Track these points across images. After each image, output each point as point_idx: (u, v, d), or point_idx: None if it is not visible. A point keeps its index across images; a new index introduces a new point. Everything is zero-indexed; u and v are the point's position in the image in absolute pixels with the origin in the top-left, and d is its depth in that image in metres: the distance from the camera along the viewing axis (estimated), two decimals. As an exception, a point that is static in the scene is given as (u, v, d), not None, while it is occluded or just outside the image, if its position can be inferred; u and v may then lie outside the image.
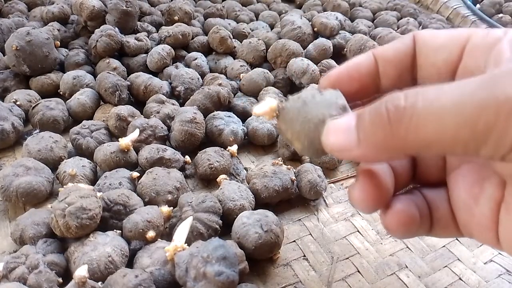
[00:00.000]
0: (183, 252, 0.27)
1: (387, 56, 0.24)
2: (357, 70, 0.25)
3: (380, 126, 0.18)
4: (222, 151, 0.46)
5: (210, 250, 0.25)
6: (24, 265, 0.33)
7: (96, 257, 0.33)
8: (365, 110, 0.19)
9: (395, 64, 0.24)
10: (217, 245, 0.26)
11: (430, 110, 0.16)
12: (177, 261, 0.27)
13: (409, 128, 0.17)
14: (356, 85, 0.25)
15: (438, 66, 0.23)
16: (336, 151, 0.20)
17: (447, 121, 0.16)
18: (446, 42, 0.22)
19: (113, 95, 0.51)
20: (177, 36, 0.61)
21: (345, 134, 0.19)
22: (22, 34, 0.53)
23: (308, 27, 0.64)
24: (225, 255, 0.26)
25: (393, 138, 0.18)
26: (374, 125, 0.18)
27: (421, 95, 0.17)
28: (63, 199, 0.34)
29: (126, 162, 0.43)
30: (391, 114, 0.17)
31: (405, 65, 0.24)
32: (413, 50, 0.24)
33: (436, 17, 0.80)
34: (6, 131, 0.47)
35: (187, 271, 0.26)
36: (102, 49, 0.56)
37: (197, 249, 0.26)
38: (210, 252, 0.25)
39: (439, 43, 0.23)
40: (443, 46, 0.22)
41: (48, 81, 0.55)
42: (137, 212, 0.37)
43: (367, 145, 0.19)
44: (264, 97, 0.48)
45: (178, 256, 0.27)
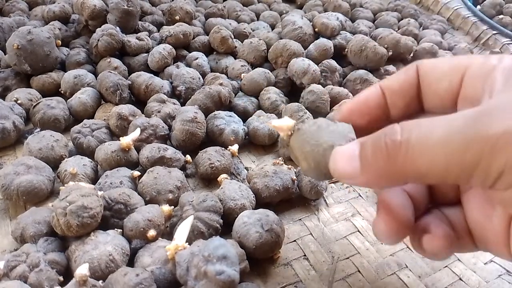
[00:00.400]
0: (184, 251, 0.27)
1: (393, 87, 0.26)
2: (366, 104, 0.27)
3: (380, 158, 0.20)
4: (223, 151, 0.46)
5: (211, 249, 0.25)
6: (25, 264, 0.33)
7: (97, 256, 0.33)
8: (367, 140, 0.21)
9: (401, 95, 0.26)
10: (218, 244, 0.26)
11: (423, 145, 0.19)
12: (178, 260, 0.27)
13: (405, 161, 0.19)
14: (367, 118, 0.27)
15: (441, 95, 0.24)
16: (342, 177, 0.22)
17: (438, 156, 0.18)
18: (447, 72, 0.24)
19: (114, 94, 0.51)
20: (178, 36, 0.61)
21: (349, 162, 0.22)
22: (23, 33, 0.53)
23: (309, 28, 0.64)
24: (226, 254, 0.26)
25: (392, 169, 0.20)
26: (375, 156, 0.20)
27: (414, 131, 0.19)
28: (64, 198, 0.34)
29: (127, 161, 0.44)
30: (389, 147, 0.20)
31: (411, 95, 0.26)
32: (417, 80, 0.25)
33: (437, 18, 0.80)
34: (7, 130, 0.47)
35: (188, 270, 0.26)
36: (103, 48, 0.56)
37: (198, 248, 0.26)
38: (211, 251, 0.25)
39: (440, 73, 0.24)
40: (444, 76, 0.24)
41: (49, 80, 0.55)
42: (138, 211, 0.37)
43: (369, 174, 0.21)
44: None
45: (179, 255, 0.27)
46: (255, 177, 0.42)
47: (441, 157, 0.18)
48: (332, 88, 0.57)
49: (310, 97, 0.54)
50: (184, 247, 0.28)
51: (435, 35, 0.73)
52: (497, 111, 0.18)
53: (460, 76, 0.23)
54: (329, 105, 0.54)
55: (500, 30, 0.75)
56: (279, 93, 0.56)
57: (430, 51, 0.66)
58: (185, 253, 0.27)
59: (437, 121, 0.19)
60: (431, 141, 0.18)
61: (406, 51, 0.64)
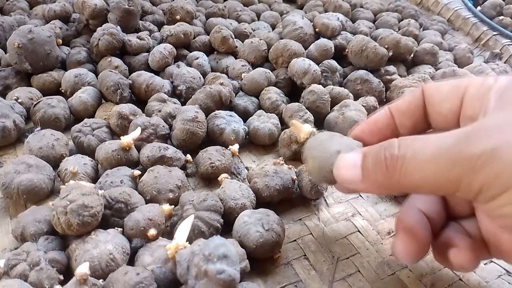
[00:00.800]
0: (184, 250, 0.27)
1: (401, 109, 0.29)
2: (376, 125, 0.29)
3: (379, 170, 0.22)
4: (223, 150, 0.46)
5: (211, 248, 0.25)
6: (25, 262, 0.33)
7: (97, 255, 0.33)
8: (369, 152, 0.24)
9: (409, 115, 0.28)
10: (218, 244, 0.26)
11: (416, 161, 0.21)
12: (179, 259, 0.27)
13: (401, 175, 0.21)
14: (377, 138, 0.29)
15: (445, 115, 0.26)
16: (343, 182, 0.25)
17: (428, 172, 0.21)
18: (448, 94, 0.26)
19: (114, 93, 0.51)
20: (179, 35, 0.61)
21: (352, 169, 0.24)
22: (24, 31, 0.53)
23: (310, 28, 0.64)
24: (226, 253, 0.26)
25: (390, 181, 0.22)
26: (375, 168, 0.23)
27: (410, 147, 0.21)
28: (64, 197, 0.34)
29: (127, 160, 0.44)
30: (388, 161, 0.22)
31: (418, 116, 0.28)
32: (423, 102, 0.28)
33: (437, 19, 0.80)
34: (8, 129, 0.47)
35: (189, 269, 0.26)
36: (104, 48, 0.56)
37: (199, 247, 0.26)
38: (212, 251, 0.25)
39: (443, 95, 0.26)
40: (446, 98, 0.26)
41: (49, 79, 0.55)
42: (138, 210, 0.37)
43: (369, 183, 0.23)
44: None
45: (179, 254, 0.27)
46: (256, 177, 0.42)
47: (431, 173, 0.20)
48: (332, 88, 0.57)
49: (310, 97, 0.54)
50: (184, 246, 0.29)
51: (436, 36, 0.73)
52: (480, 132, 0.20)
53: (460, 97, 0.25)
54: (330, 105, 0.55)
55: (501, 31, 0.75)
56: (280, 93, 0.56)
57: (430, 51, 0.66)
58: (185, 252, 0.27)
59: (430, 139, 0.21)
60: (423, 158, 0.21)
61: (407, 51, 0.64)
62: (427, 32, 0.76)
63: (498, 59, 0.71)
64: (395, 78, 0.61)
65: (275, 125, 0.50)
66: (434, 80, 0.60)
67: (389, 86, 0.61)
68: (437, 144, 0.21)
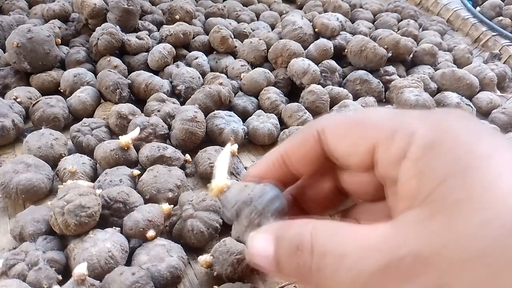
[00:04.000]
0: (230, 195, 0.24)
1: (295, 158, 0.24)
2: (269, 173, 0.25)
3: (293, 272, 0.19)
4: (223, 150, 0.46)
5: (266, 202, 0.23)
6: (23, 262, 0.33)
7: (96, 253, 0.33)
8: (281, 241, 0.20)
9: (304, 164, 0.24)
10: (273, 197, 0.24)
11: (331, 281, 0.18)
12: (225, 203, 0.25)
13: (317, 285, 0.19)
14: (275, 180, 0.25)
15: (353, 167, 0.22)
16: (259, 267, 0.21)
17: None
18: (354, 148, 0.21)
19: (113, 93, 0.51)
20: (178, 35, 0.61)
21: (264, 260, 0.21)
22: (23, 31, 0.52)
23: (309, 28, 0.64)
24: (280, 207, 0.24)
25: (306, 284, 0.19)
26: (288, 268, 0.20)
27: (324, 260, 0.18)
28: (62, 197, 0.34)
29: (125, 160, 0.43)
30: (301, 268, 0.19)
31: (316, 163, 0.23)
32: (320, 148, 0.22)
33: (437, 19, 0.81)
34: (6, 128, 0.46)
35: (238, 216, 0.24)
36: (103, 47, 0.56)
37: (250, 197, 0.24)
38: (266, 205, 0.23)
39: (346, 149, 0.21)
40: (352, 152, 0.21)
41: (48, 79, 0.55)
42: (138, 210, 0.36)
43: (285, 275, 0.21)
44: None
45: (225, 199, 0.24)
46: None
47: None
48: (332, 88, 0.57)
49: (310, 97, 0.54)
50: (228, 186, 0.25)
51: (435, 36, 0.74)
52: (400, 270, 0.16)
53: (368, 155, 0.20)
54: (329, 106, 0.54)
55: (500, 32, 0.75)
56: (279, 93, 0.56)
57: (429, 52, 0.66)
58: (233, 197, 0.24)
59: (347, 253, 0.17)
60: (339, 281, 0.17)
61: (406, 52, 0.64)
62: (426, 32, 0.76)
63: (497, 59, 0.71)
64: (394, 79, 0.61)
65: (274, 125, 0.50)
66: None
67: (388, 86, 0.61)
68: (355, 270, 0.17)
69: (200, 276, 0.37)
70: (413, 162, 0.18)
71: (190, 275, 0.37)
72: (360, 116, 0.22)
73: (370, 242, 0.17)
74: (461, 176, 0.16)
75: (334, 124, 0.22)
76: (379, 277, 0.16)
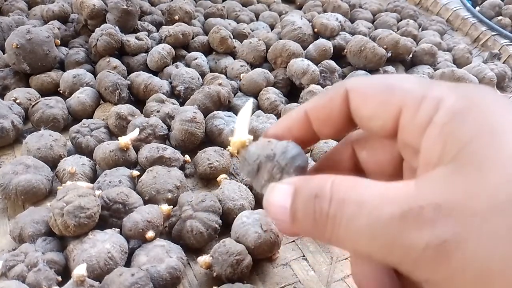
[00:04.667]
0: (253, 149, 0.24)
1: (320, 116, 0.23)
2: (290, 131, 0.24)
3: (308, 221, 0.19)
4: (222, 151, 0.46)
5: (288, 158, 0.23)
6: (23, 263, 0.33)
7: (95, 254, 0.33)
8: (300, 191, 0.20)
9: (329, 124, 0.23)
10: (295, 154, 0.23)
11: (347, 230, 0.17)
12: (247, 157, 0.25)
13: (332, 236, 0.18)
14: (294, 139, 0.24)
15: (375, 131, 0.22)
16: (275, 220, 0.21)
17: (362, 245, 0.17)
18: (378, 111, 0.21)
19: (113, 94, 0.51)
20: (178, 36, 0.61)
21: (281, 210, 0.20)
22: (22, 32, 0.52)
23: (309, 28, 0.64)
24: (302, 164, 0.24)
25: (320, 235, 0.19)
26: (304, 216, 0.19)
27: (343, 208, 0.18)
28: (61, 198, 0.34)
29: (125, 161, 0.43)
30: (317, 215, 0.18)
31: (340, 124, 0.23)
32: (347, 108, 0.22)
33: (436, 19, 0.80)
34: (6, 129, 0.46)
35: (259, 171, 0.24)
36: (103, 48, 0.56)
37: (273, 152, 0.24)
38: (289, 161, 0.23)
39: (371, 111, 0.21)
40: (376, 115, 0.21)
41: (48, 80, 0.55)
42: (137, 211, 0.36)
43: (299, 229, 0.20)
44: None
45: (248, 153, 0.24)
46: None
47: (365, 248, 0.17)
48: (331, 88, 0.57)
49: (309, 98, 0.54)
50: (249, 141, 0.25)
51: (434, 36, 0.74)
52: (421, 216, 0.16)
53: (393, 118, 0.20)
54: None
55: (499, 31, 0.75)
56: (278, 93, 0.56)
57: (429, 51, 0.66)
58: (254, 152, 0.24)
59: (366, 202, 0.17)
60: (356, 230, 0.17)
61: (405, 51, 0.64)
62: (426, 32, 0.76)
63: (497, 59, 0.71)
64: (394, 79, 0.61)
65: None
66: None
67: (388, 86, 0.60)
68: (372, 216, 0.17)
69: (199, 276, 0.37)
70: (439, 126, 0.17)
71: (190, 275, 0.37)
72: (390, 80, 0.21)
73: (390, 193, 0.17)
74: (488, 137, 0.16)
75: (363, 85, 0.22)
76: (396, 224, 0.16)
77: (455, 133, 0.17)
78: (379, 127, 0.21)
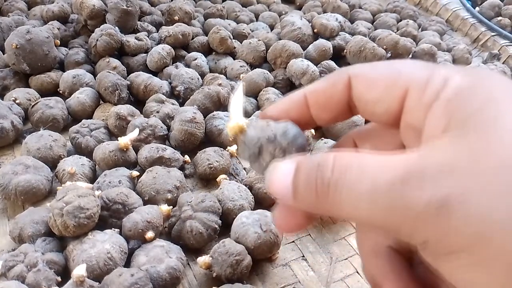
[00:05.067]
0: (252, 132, 0.24)
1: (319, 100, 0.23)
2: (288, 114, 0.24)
3: (310, 193, 0.19)
4: (222, 151, 0.46)
5: (289, 138, 0.23)
6: (22, 264, 0.33)
7: (95, 254, 0.33)
8: (302, 166, 0.20)
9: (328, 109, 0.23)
10: (296, 134, 0.23)
11: (348, 195, 0.18)
12: (246, 141, 0.25)
13: (332, 204, 0.18)
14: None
15: (379, 116, 0.22)
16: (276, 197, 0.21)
17: (362, 211, 0.17)
18: (384, 94, 0.21)
19: (113, 94, 0.51)
20: (177, 36, 0.61)
21: (283, 185, 0.20)
22: (22, 32, 0.52)
23: (308, 28, 0.64)
24: (303, 144, 0.24)
25: (320, 206, 0.19)
26: (305, 188, 0.19)
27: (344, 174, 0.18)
28: (61, 198, 0.34)
29: (124, 161, 0.43)
30: (318, 186, 0.19)
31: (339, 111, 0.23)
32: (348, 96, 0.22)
33: (436, 19, 0.80)
34: (6, 129, 0.46)
35: (260, 153, 0.24)
36: (102, 48, 0.56)
37: (273, 133, 0.24)
38: (290, 141, 0.23)
39: (376, 95, 0.21)
40: (381, 99, 0.21)
41: (47, 80, 0.55)
42: (137, 211, 0.36)
43: (300, 202, 0.20)
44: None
45: (247, 137, 0.25)
46: (257, 182, 0.42)
47: (365, 213, 0.17)
48: (331, 88, 0.57)
49: (309, 98, 0.53)
50: (247, 125, 0.25)
51: (434, 36, 0.74)
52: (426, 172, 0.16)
53: (399, 100, 0.20)
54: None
55: (499, 32, 0.75)
56: (278, 93, 0.56)
57: (429, 52, 0.66)
58: (254, 135, 0.24)
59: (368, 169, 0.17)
60: (356, 194, 0.17)
61: (405, 52, 0.64)
62: (425, 32, 0.76)
63: (496, 59, 0.71)
64: (393, 79, 0.61)
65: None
66: None
67: (387, 86, 0.60)
68: (373, 181, 0.17)
69: (199, 277, 0.37)
70: (444, 101, 0.18)
71: (189, 276, 0.37)
72: (396, 64, 0.21)
73: (393, 159, 0.17)
74: (493, 107, 0.16)
75: (368, 70, 0.22)
76: (398, 187, 0.16)
77: (460, 107, 0.17)
78: (383, 111, 0.21)
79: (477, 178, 0.15)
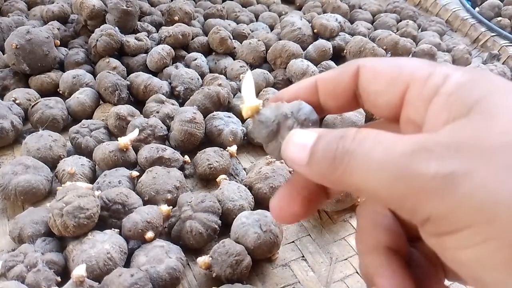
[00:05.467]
0: (267, 111, 0.24)
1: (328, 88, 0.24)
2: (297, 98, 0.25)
3: (326, 159, 0.19)
4: (222, 151, 0.46)
5: (306, 113, 0.24)
6: (22, 264, 0.33)
7: (95, 255, 0.33)
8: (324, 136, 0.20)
9: (335, 97, 0.24)
10: (310, 110, 0.24)
11: (361, 162, 0.18)
12: (263, 119, 0.25)
13: (344, 171, 0.19)
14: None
15: (380, 108, 0.23)
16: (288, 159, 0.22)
17: (370, 178, 0.18)
18: (386, 87, 0.22)
19: (112, 94, 0.51)
20: (177, 36, 0.61)
21: (300, 149, 0.21)
22: (22, 32, 0.52)
23: (308, 29, 0.65)
24: (317, 119, 0.24)
25: (332, 173, 0.19)
26: (323, 154, 0.20)
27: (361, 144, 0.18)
28: (60, 198, 0.34)
29: (124, 161, 0.43)
30: (337, 152, 0.19)
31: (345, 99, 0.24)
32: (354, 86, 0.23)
33: (436, 20, 0.81)
34: (5, 130, 0.46)
35: (278, 130, 0.25)
36: (102, 49, 0.56)
37: (289, 110, 0.25)
38: (307, 116, 0.24)
39: (380, 87, 0.22)
40: (384, 91, 0.22)
41: (47, 80, 0.55)
42: (137, 212, 0.36)
43: (312, 169, 0.20)
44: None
45: (264, 116, 0.25)
46: (257, 183, 0.42)
47: (372, 181, 0.18)
48: (331, 89, 0.57)
49: (308, 98, 0.54)
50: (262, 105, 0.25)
51: (434, 37, 0.74)
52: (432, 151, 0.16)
53: (400, 94, 0.21)
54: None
55: (499, 32, 0.75)
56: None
57: (428, 52, 0.66)
58: (270, 113, 0.24)
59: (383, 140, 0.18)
60: (368, 162, 0.18)
61: (405, 52, 0.64)
62: (425, 33, 0.76)
63: (496, 60, 0.71)
64: (393, 79, 0.61)
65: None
66: None
67: (387, 87, 0.61)
68: (386, 150, 0.17)
69: (199, 277, 0.37)
70: (445, 96, 0.18)
71: (189, 276, 0.37)
72: (400, 60, 0.23)
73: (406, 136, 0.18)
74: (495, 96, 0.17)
75: (375, 62, 0.23)
76: (407, 158, 0.17)
77: (461, 100, 0.18)
78: (385, 103, 0.22)
79: (483, 155, 0.15)
